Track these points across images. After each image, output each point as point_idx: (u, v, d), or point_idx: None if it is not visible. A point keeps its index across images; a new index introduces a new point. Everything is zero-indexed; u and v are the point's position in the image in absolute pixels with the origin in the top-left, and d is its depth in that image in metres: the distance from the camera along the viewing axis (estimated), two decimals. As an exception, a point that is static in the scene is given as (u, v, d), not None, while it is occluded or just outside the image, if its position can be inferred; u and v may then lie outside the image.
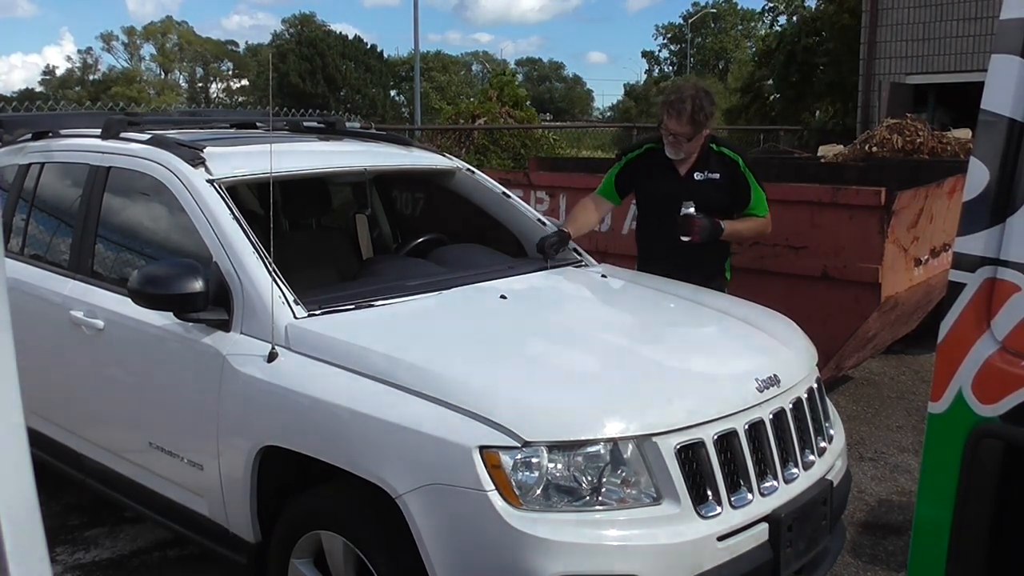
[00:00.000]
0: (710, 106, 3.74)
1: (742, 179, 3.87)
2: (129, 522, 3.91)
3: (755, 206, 3.89)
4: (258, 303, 2.80)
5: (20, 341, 1.51)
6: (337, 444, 2.48)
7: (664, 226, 3.82)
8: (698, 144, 3.82)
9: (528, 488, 2.25)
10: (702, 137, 3.81)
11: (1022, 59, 1.77)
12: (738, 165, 3.88)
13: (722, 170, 3.87)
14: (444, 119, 15.34)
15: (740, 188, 3.88)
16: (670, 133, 3.76)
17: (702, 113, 3.71)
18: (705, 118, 3.72)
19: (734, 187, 3.88)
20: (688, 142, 3.77)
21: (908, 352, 6.43)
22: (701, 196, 3.78)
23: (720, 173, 3.87)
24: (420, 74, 24.64)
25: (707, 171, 3.87)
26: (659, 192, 3.93)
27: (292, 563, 2.70)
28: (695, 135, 3.76)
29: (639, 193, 4.11)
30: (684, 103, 3.69)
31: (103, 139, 3.64)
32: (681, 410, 2.41)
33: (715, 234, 3.75)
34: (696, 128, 3.74)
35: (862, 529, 3.90)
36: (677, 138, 3.76)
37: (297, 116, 7.25)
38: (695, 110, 3.69)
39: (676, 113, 3.71)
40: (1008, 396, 1.77)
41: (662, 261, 3.83)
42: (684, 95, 3.72)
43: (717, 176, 3.86)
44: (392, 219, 4.66)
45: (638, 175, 4.01)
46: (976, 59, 12.99)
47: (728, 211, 3.86)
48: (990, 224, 1.81)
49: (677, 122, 3.72)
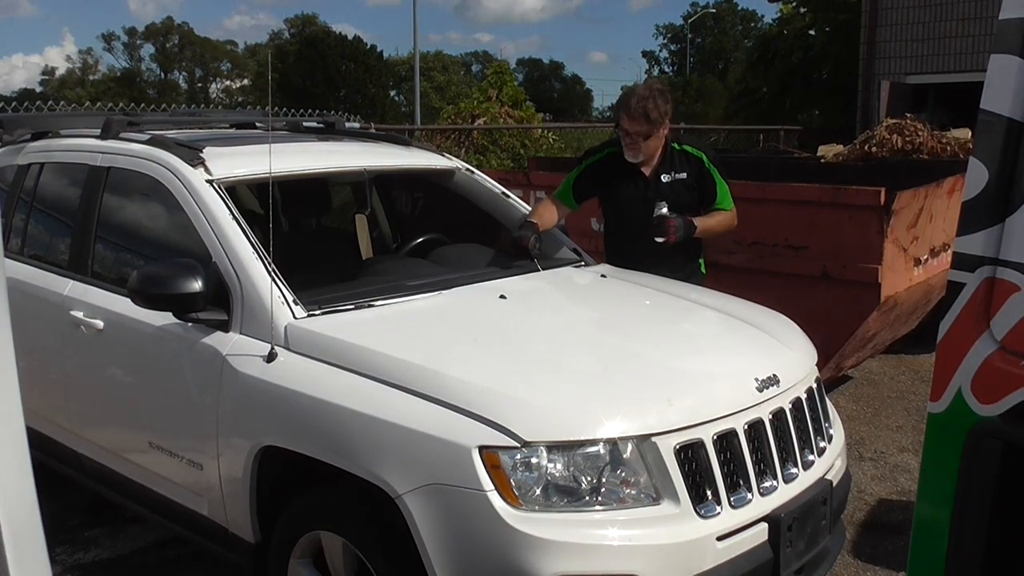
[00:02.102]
0: (664, 104, 3.69)
1: (708, 175, 3.85)
2: (129, 522, 3.91)
3: (721, 200, 3.87)
4: (257, 303, 2.80)
5: (20, 341, 1.51)
6: (337, 444, 2.48)
7: (633, 230, 3.80)
8: (658, 144, 3.78)
9: (528, 488, 2.25)
10: (661, 137, 3.76)
11: (1021, 59, 1.77)
12: (702, 162, 3.86)
13: (688, 168, 3.85)
14: (443, 119, 15.34)
15: (707, 184, 3.86)
16: (627, 134, 3.72)
17: (656, 111, 3.66)
18: (660, 115, 3.68)
19: (701, 184, 3.86)
20: (645, 141, 3.71)
21: (908, 352, 6.43)
22: (672, 197, 3.76)
23: (687, 172, 3.84)
24: (420, 74, 24.64)
25: (673, 171, 3.83)
26: (625, 196, 3.86)
27: (292, 563, 2.70)
28: (652, 133, 3.70)
29: (604, 198, 3.99)
30: (638, 101, 3.66)
31: (102, 139, 3.65)
32: (680, 410, 2.41)
33: (689, 233, 3.73)
34: (651, 126, 3.68)
35: (862, 529, 3.90)
36: (634, 138, 3.71)
37: (297, 116, 7.25)
38: (649, 107, 3.65)
39: (629, 112, 3.68)
40: (1007, 396, 1.77)
41: (635, 266, 3.75)
42: (637, 94, 3.70)
43: (684, 175, 3.84)
44: (392, 219, 4.66)
45: (600, 180, 3.92)
46: (975, 59, 13.00)
47: (697, 209, 3.84)
48: (989, 224, 1.81)
49: (632, 121, 3.68)
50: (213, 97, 65.53)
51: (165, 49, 66.55)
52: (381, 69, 53.83)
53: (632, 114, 3.68)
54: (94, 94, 44.49)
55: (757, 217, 4.98)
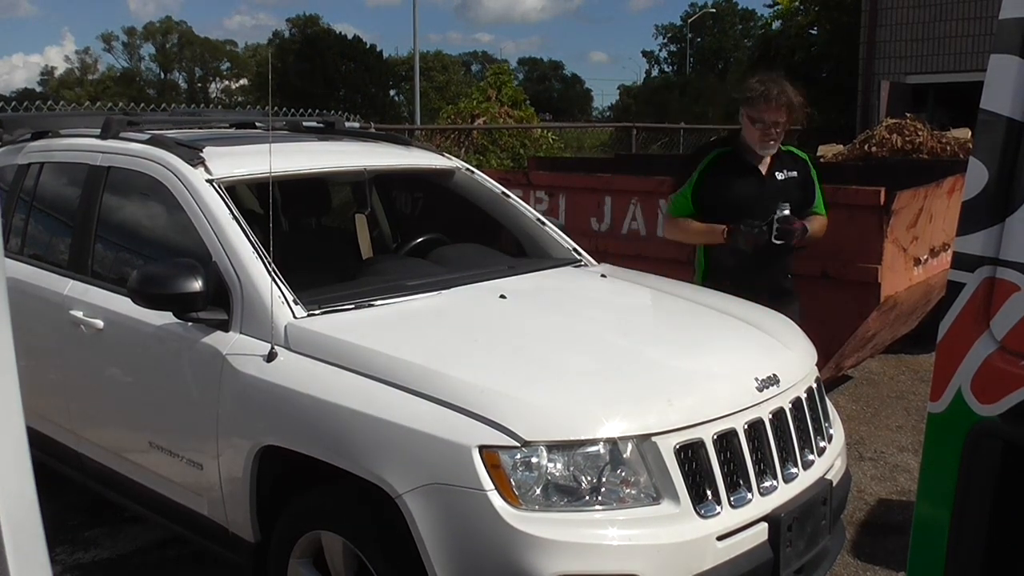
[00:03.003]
0: (796, 94, 3.64)
1: (811, 177, 3.82)
2: (129, 522, 3.91)
3: (819, 204, 3.86)
4: (257, 303, 2.80)
5: (20, 341, 1.51)
6: (337, 444, 2.48)
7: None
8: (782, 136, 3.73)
9: (528, 488, 2.25)
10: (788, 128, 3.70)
11: (1021, 59, 1.77)
12: (807, 163, 3.83)
13: (797, 168, 3.81)
14: (443, 119, 15.34)
15: (810, 187, 3.83)
16: (768, 124, 3.63)
17: (797, 97, 3.62)
18: (800, 102, 3.63)
19: (807, 186, 3.82)
20: (782, 131, 3.65)
21: (908, 352, 6.43)
22: (787, 196, 3.67)
23: (797, 171, 3.79)
24: (420, 74, 24.66)
25: (785, 169, 3.77)
26: (743, 196, 3.69)
27: (292, 563, 2.70)
28: (791, 122, 3.66)
29: (718, 201, 3.73)
30: (779, 90, 3.60)
31: (102, 139, 3.65)
32: (680, 410, 2.41)
33: (803, 236, 3.64)
34: (793, 113, 3.63)
35: (862, 529, 3.90)
36: (773, 129, 3.63)
37: (296, 116, 7.25)
38: (791, 95, 3.60)
39: (770, 101, 3.59)
40: (1007, 396, 1.77)
41: (748, 271, 3.62)
42: (772, 83, 3.64)
43: (795, 174, 3.78)
44: (392, 219, 4.66)
45: (718, 183, 3.74)
46: (975, 59, 12.99)
47: (801, 211, 3.75)
48: (989, 224, 1.81)
49: (775, 110, 3.59)
50: (213, 97, 65.49)
51: (164, 49, 66.53)
52: (381, 69, 53.80)
53: (775, 104, 3.59)
54: (93, 94, 44.47)
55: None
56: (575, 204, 5.91)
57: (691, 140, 16.99)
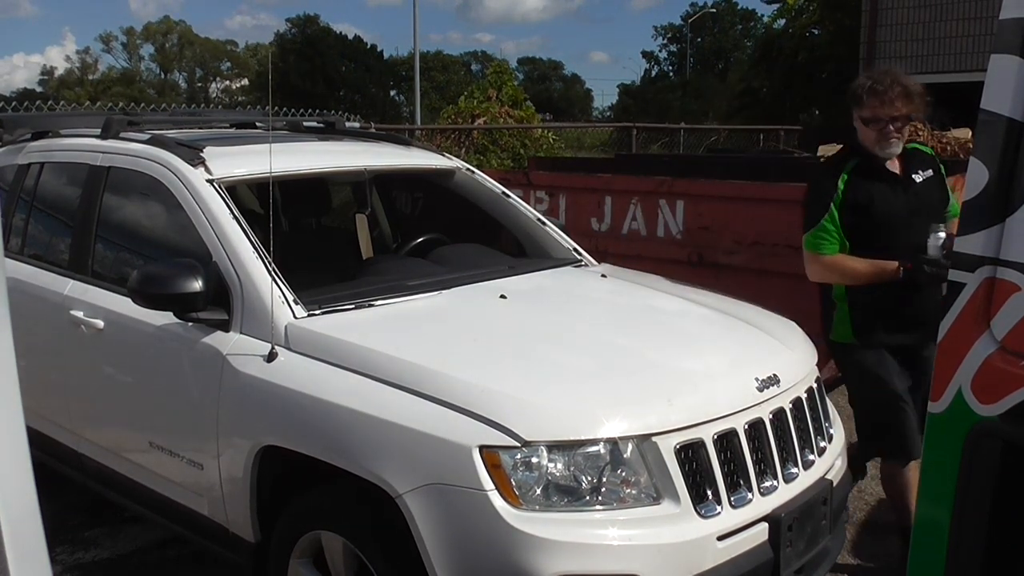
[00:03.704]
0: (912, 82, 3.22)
1: (943, 175, 3.36)
2: (129, 522, 3.91)
3: (954, 206, 3.30)
4: (258, 303, 2.80)
5: (20, 341, 1.51)
6: (337, 444, 2.48)
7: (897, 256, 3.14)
8: None
9: (528, 488, 2.25)
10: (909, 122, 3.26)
11: (1021, 59, 1.77)
12: (935, 158, 3.39)
13: (931, 166, 3.35)
14: (443, 119, 15.34)
15: (944, 186, 3.35)
16: (885, 121, 3.17)
17: (915, 85, 3.20)
18: (918, 92, 3.21)
19: (943, 185, 3.35)
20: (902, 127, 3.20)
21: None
22: (931, 202, 3.25)
23: (932, 169, 3.33)
24: (420, 74, 24.66)
25: (920, 170, 3.29)
26: (886, 210, 3.19)
27: (292, 563, 2.70)
28: (913, 113, 3.23)
29: (867, 219, 3.21)
30: (891, 81, 3.18)
31: (102, 139, 3.65)
32: (681, 410, 2.41)
33: None
34: (914, 103, 3.19)
35: (862, 529, 3.90)
36: (891, 125, 3.17)
37: (297, 116, 7.25)
38: (906, 84, 3.18)
39: (882, 96, 3.16)
40: (1007, 396, 1.77)
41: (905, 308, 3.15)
42: (884, 74, 3.24)
43: (931, 172, 3.32)
44: (392, 219, 4.66)
45: (860, 200, 3.21)
46: (975, 59, 13.01)
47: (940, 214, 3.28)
48: (989, 224, 1.81)
49: (890, 105, 3.15)
50: (213, 97, 65.50)
51: (164, 49, 66.52)
52: (381, 69, 53.83)
53: (888, 97, 3.15)
54: (93, 94, 44.48)
55: (757, 217, 4.98)
56: (575, 204, 5.91)
57: (691, 140, 17.00)
